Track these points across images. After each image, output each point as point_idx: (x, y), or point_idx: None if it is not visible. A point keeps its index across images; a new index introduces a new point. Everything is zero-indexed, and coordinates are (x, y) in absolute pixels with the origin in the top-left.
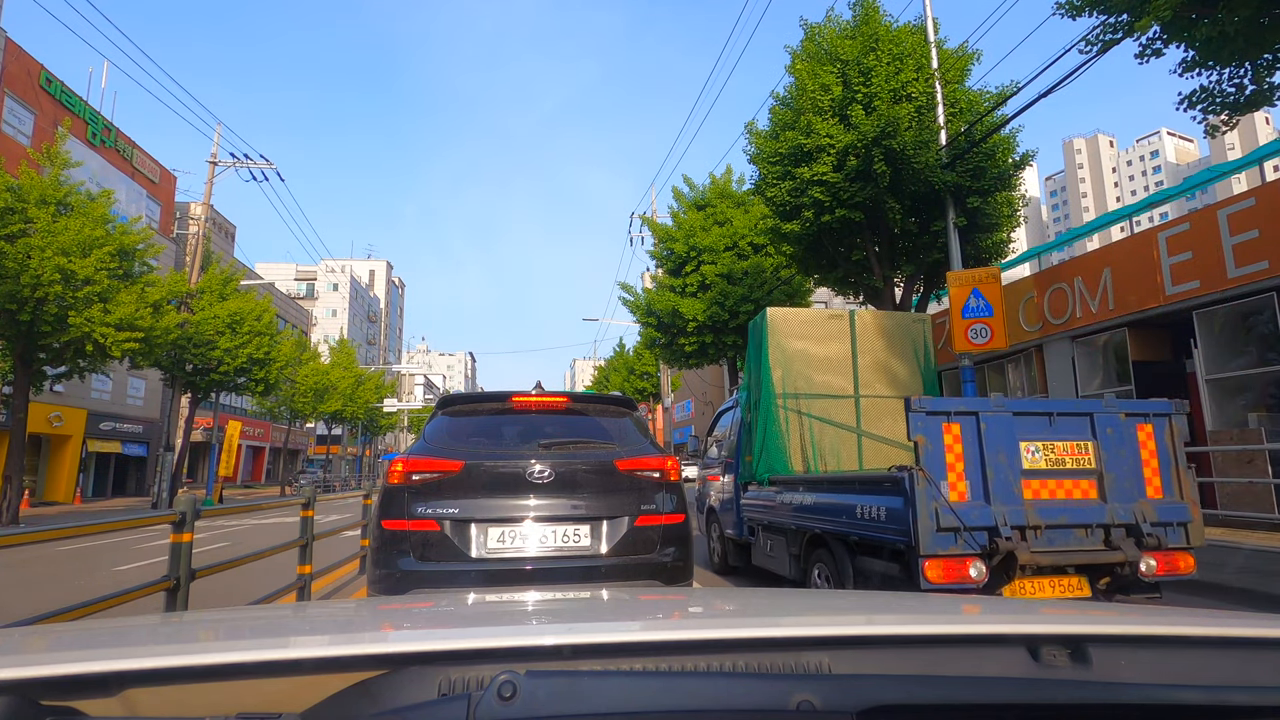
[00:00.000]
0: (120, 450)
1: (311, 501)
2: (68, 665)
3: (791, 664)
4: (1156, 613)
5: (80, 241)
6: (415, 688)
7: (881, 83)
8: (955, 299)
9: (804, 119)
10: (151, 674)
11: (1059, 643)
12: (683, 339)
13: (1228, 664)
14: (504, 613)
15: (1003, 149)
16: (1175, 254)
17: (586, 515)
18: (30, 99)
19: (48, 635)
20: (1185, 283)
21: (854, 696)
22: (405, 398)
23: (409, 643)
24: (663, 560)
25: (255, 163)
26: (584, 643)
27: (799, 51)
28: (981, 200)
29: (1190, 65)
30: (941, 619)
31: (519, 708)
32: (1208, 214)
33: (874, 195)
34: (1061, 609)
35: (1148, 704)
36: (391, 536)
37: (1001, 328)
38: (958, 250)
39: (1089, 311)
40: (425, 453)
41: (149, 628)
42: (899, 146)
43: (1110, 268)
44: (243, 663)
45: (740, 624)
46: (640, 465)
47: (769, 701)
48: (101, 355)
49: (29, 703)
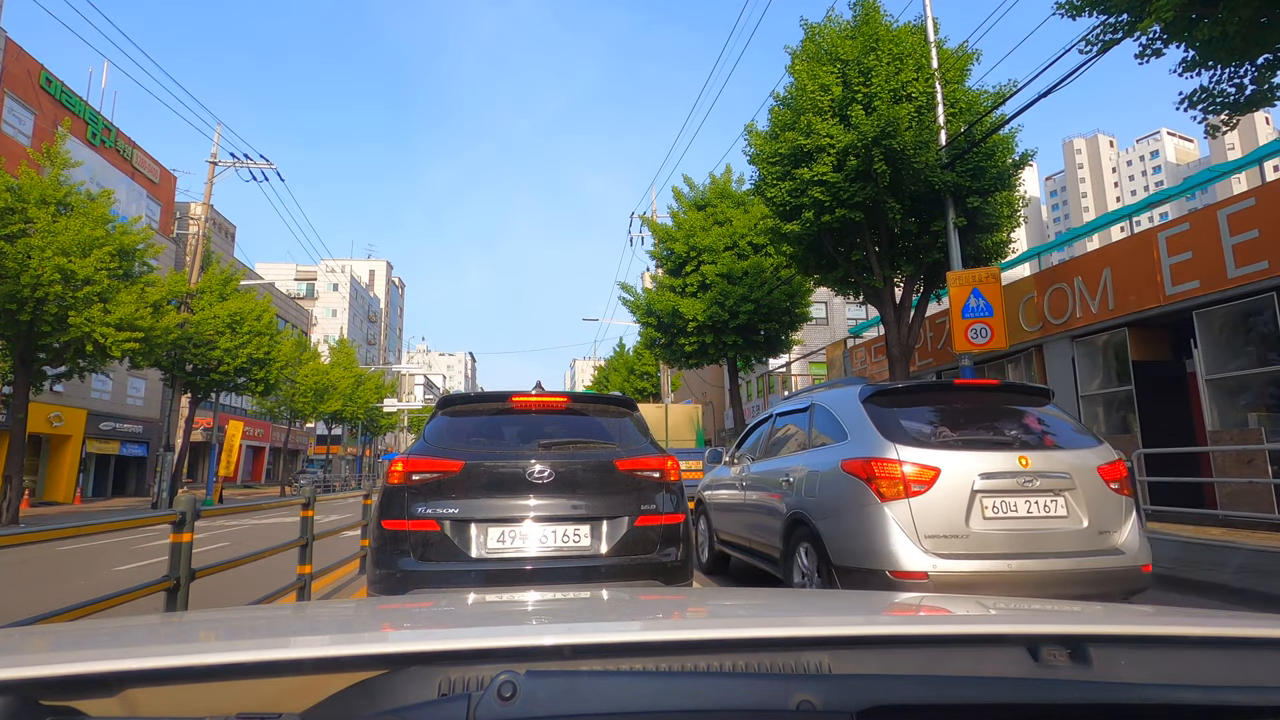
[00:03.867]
0: (120, 451)
1: (311, 502)
2: (68, 665)
3: (791, 664)
4: (1156, 613)
5: (80, 241)
6: (415, 688)
7: (881, 83)
8: (955, 299)
9: (804, 119)
10: (151, 674)
11: (1059, 643)
12: (683, 339)
13: (1228, 664)
14: (504, 613)
15: (1002, 149)
16: (1175, 254)
17: (586, 515)
18: (30, 99)
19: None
20: (1185, 283)
21: (854, 696)
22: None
23: (409, 643)
24: (663, 560)
25: (255, 163)
26: (584, 643)
27: (799, 52)
28: (981, 200)
29: (1190, 65)
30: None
31: (519, 708)
32: (1208, 214)
33: (874, 195)
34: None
35: (1148, 704)
36: (392, 537)
37: (1002, 328)
38: (958, 250)
39: (1089, 311)
40: (425, 453)
41: (149, 628)
42: (899, 146)
43: (1110, 267)
44: (243, 663)
45: (740, 624)
46: (640, 465)
47: (769, 701)
48: (101, 355)
49: (29, 703)
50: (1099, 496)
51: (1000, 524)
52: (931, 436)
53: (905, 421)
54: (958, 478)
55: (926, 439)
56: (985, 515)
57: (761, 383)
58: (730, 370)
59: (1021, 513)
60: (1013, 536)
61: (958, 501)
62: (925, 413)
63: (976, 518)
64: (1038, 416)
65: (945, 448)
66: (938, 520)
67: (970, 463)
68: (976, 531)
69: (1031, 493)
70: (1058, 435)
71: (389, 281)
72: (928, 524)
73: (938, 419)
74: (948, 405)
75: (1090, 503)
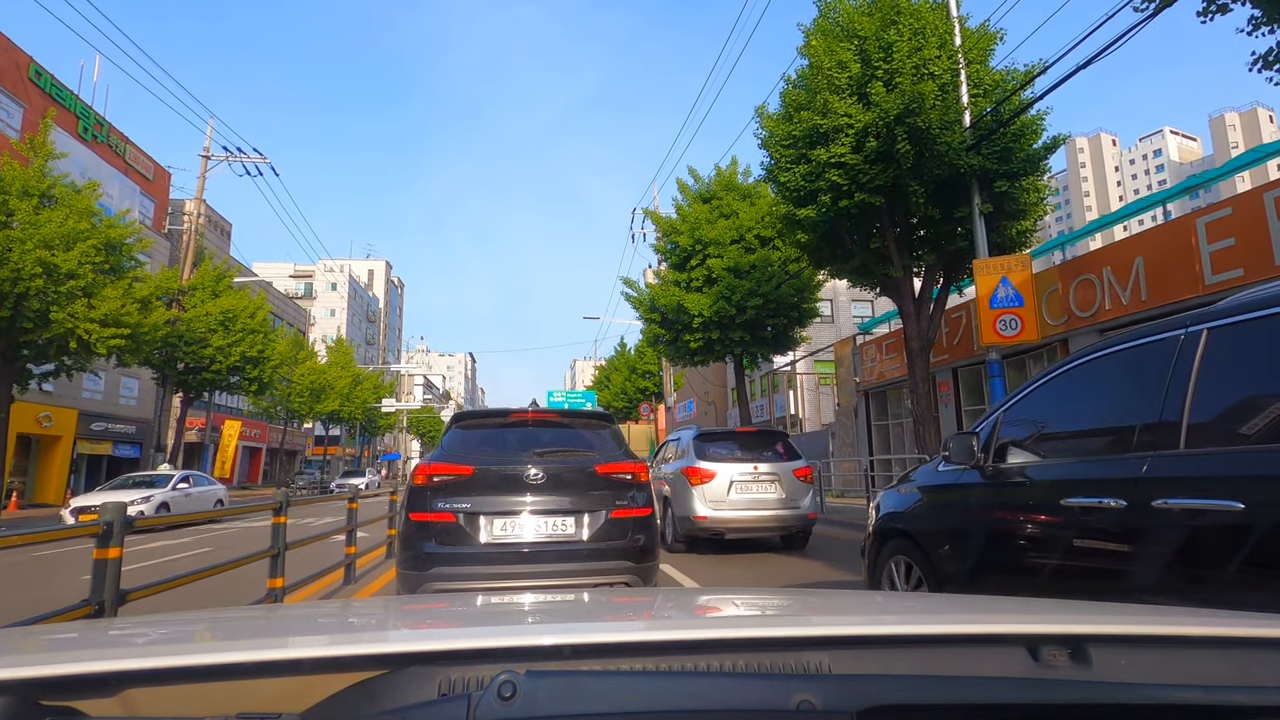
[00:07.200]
0: (112, 451)
1: (284, 506)
2: (68, 665)
3: (791, 664)
4: (1156, 613)
5: (63, 234)
6: (415, 688)
7: (903, 58)
8: (982, 288)
9: (820, 98)
10: (151, 674)
11: (1059, 643)
12: (688, 335)
13: (1228, 664)
14: (504, 613)
15: (1030, 131)
16: (1216, 240)
17: (571, 509)
18: (19, 92)
19: (48, 635)
20: (1227, 270)
21: (854, 696)
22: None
23: (409, 643)
24: (633, 544)
25: (249, 157)
26: (584, 643)
27: (813, 29)
28: (1009, 184)
29: (1259, 23)
30: (941, 619)
31: (519, 708)
32: (1252, 196)
33: (895, 178)
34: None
35: (1148, 704)
36: (418, 526)
37: (1033, 319)
38: (983, 237)
39: (1119, 303)
40: (443, 459)
41: (149, 628)
42: (924, 124)
43: (1143, 256)
44: (243, 663)
45: (740, 624)
46: (615, 469)
47: (769, 701)
48: (86, 352)
49: (29, 703)
50: (792, 483)
51: (743, 496)
52: (717, 456)
53: (709, 448)
54: (725, 475)
55: (715, 457)
56: (736, 493)
57: (765, 382)
58: (736, 368)
59: (754, 492)
60: (748, 500)
61: (724, 486)
62: (719, 445)
63: (733, 493)
64: (775, 446)
65: (721, 461)
66: (714, 494)
67: (731, 468)
68: (731, 499)
69: (760, 482)
70: (780, 455)
71: (388, 281)
72: (710, 496)
73: (722, 448)
74: (730, 441)
75: (787, 486)
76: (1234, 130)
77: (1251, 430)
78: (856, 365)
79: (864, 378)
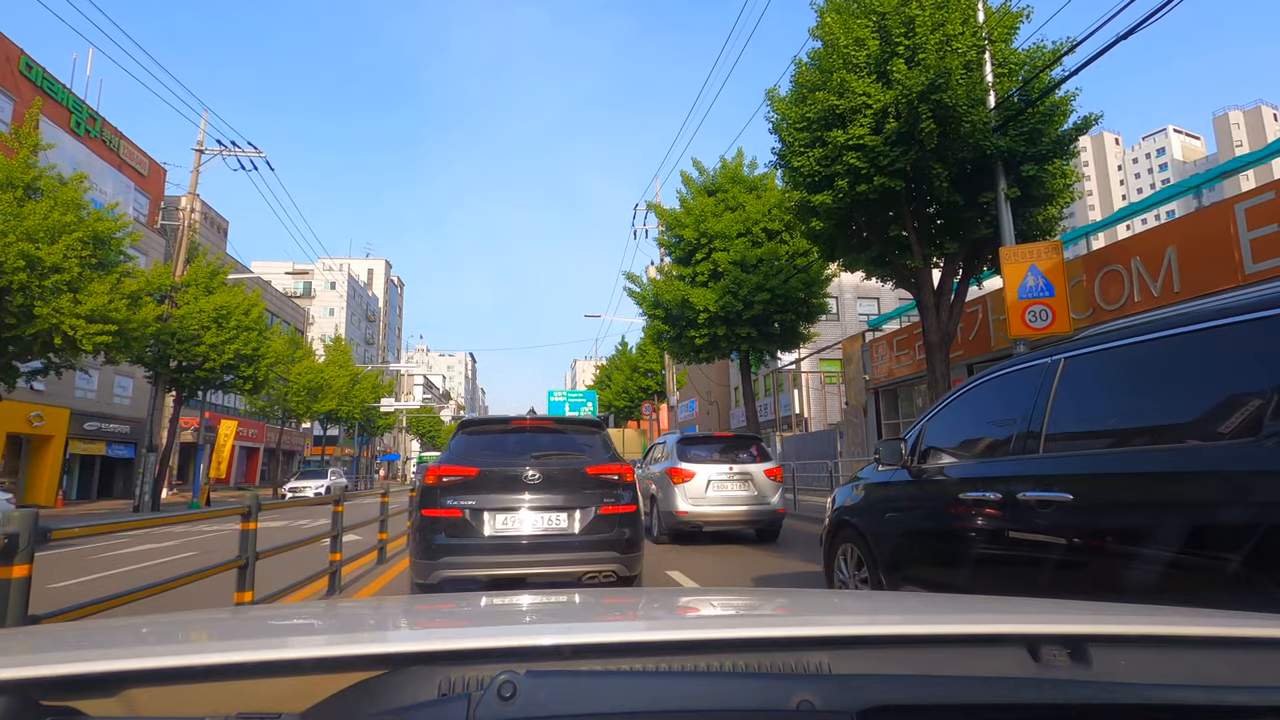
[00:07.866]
0: (105, 451)
1: (254, 512)
2: (68, 665)
3: (791, 664)
4: (1156, 613)
5: (48, 227)
6: (415, 687)
7: (927, 33)
8: (1010, 277)
9: (836, 77)
10: (151, 674)
11: (1059, 643)
12: (693, 331)
13: (1228, 664)
14: (504, 613)
15: (1059, 112)
16: (1257, 227)
17: (565, 506)
18: (9, 85)
19: (48, 635)
20: (1271, 259)
21: (854, 696)
22: (404, 398)
23: (409, 643)
24: (619, 537)
25: (243, 151)
26: (584, 643)
27: (826, 7)
28: (1037, 168)
29: None
30: (941, 619)
31: (519, 708)
32: None
33: (918, 160)
34: (1062, 608)
35: (1148, 704)
36: (429, 520)
37: (1065, 309)
38: (1010, 223)
39: (1149, 295)
40: (451, 461)
41: (149, 627)
42: (951, 101)
43: (1175, 246)
44: (243, 663)
45: (740, 624)
46: (604, 470)
47: (769, 701)
48: (72, 349)
49: (29, 703)
50: (763, 482)
51: (719, 494)
52: (697, 458)
53: (690, 450)
54: (704, 475)
55: (695, 459)
56: (714, 490)
57: (770, 380)
58: (742, 365)
59: (729, 490)
60: (723, 498)
61: (702, 485)
62: (699, 448)
63: (710, 491)
64: (749, 448)
65: (700, 462)
66: (694, 492)
67: (709, 468)
68: (708, 496)
69: (734, 481)
70: (754, 457)
71: (388, 281)
72: (690, 494)
73: (702, 450)
74: (709, 444)
75: (759, 484)
76: (1238, 129)
77: (1082, 438)
78: (866, 362)
79: (874, 375)
